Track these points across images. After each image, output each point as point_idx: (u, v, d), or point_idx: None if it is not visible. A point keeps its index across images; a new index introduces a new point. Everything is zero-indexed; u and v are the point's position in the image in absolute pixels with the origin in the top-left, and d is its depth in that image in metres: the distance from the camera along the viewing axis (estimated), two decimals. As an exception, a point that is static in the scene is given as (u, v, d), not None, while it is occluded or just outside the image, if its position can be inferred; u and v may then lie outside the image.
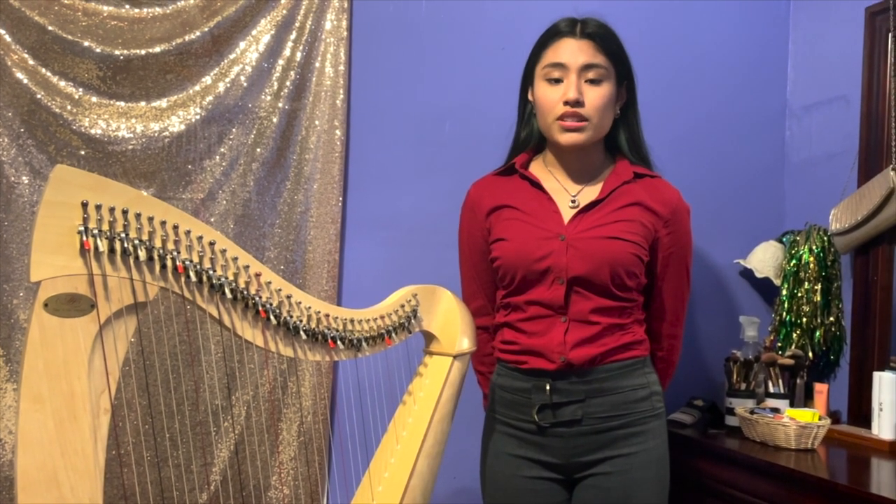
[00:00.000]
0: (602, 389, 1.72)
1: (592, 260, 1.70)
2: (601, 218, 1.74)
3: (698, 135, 2.64)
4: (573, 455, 1.73)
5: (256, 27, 2.26)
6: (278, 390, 2.27)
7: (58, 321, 1.15)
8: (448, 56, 2.43)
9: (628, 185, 1.77)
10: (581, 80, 1.71)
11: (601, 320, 1.72)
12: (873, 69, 2.36)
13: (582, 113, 1.71)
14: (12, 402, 2.09)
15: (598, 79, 1.72)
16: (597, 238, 1.72)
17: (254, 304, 1.38)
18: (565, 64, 1.72)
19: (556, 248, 1.71)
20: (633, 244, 1.72)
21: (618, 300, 1.73)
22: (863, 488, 1.76)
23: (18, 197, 2.11)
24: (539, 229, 1.74)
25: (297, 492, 2.26)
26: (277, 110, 2.27)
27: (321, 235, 2.29)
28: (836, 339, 2.42)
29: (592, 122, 1.72)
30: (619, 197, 1.76)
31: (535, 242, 1.73)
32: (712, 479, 2.14)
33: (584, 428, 1.72)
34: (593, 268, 1.70)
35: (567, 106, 1.71)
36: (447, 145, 2.42)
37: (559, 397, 1.71)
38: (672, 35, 2.61)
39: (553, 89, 1.73)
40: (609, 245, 1.71)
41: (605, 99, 1.73)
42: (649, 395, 1.77)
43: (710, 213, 2.63)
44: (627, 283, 1.73)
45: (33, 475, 1.14)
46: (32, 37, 2.11)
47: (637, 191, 1.77)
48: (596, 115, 1.72)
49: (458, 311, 1.76)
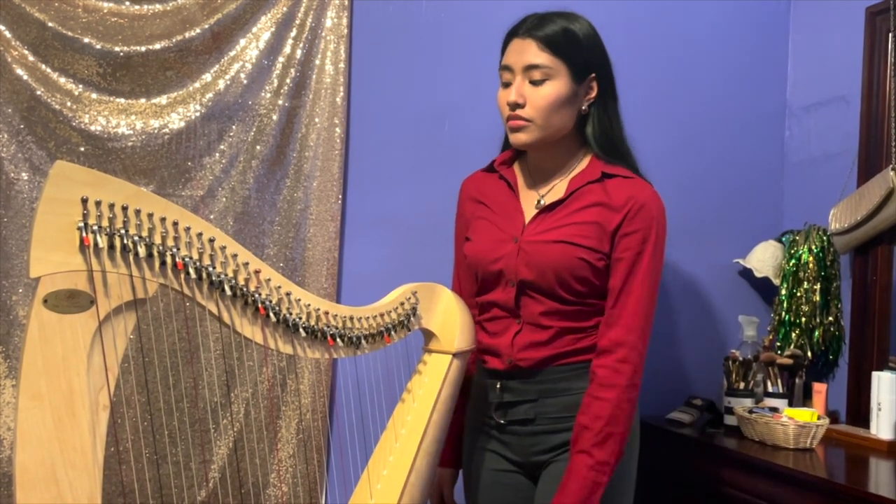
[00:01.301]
0: (554, 390, 1.69)
1: (538, 265, 1.66)
2: (558, 220, 1.69)
3: (698, 134, 2.64)
4: (530, 453, 1.72)
5: (257, 24, 2.26)
6: (277, 388, 2.27)
7: (57, 317, 1.15)
8: (449, 54, 2.43)
9: (592, 186, 1.68)
10: (525, 81, 1.66)
11: (553, 324, 1.68)
12: (873, 69, 2.36)
13: (523, 115, 1.66)
14: (11, 398, 2.08)
15: (542, 79, 1.64)
16: (546, 242, 1.67)
17: (253, 301, 1.38)
18: (510, 66, 1.68)
19: (508, 251, 1.70)
20: (583, 248, 1.64)
21: (571, 304, 1.67)
22: (861, 488, 1.76)
23: (18, 193, 2.11)
24: (500, 231, 1.74)
25: (295, 489, 2.26)
26: (277, 108, 2.27)
27: (321, 233, 2.29)
28: (835, 339, 2.42)
29: (536, 123, 1.66)
30: (581, 197, 1.69)
31: (493, 244, 1.73)
32: (710, 478, 2.14)
33: (537, 427, 1.70)
34: (538, 273, 1.66)
35: (510, 109, 1.68)
36: (447, 143, 2.42)
37: (511, 396, 1.71)
38: (671, 34, 2.61)
39: (504, 93, 1.70)
40: (556, 250, 1.65)
41: (549, 99, 1.64)
42: None
43: (710, 213, 2.63)
44: (577, 289, 1.66)
45: (32, 472, 1.14)
46: (32, 33, 2.11)
47: (599, 191, 1.68)
48: (539, 115, 1.65)
49: (458, 310, 1.76)
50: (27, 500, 1.13)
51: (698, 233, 2.60)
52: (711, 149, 2.65)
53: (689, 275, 2.61)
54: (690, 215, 2.57)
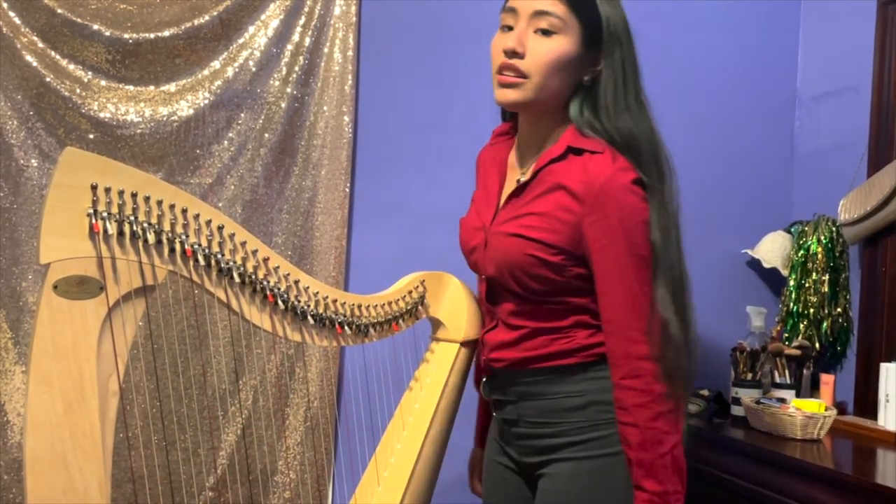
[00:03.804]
0: (531, 393, 1.51)
1: (496, 261, 1.48)
2: (518, 208, 1.48)
3: (707, 124, 2.63)
4: (520, 454, 1.61)
5: (265, 12, 2.25)
6: (285, 375, 2.28)
7: (67, 303, 1.16)
8: (457, 42, 2.42)
9: (556, 165, 1.43)
10: (529, 28, 1.42)
11: (523, 324, 1.49)
12: (884, 59, 2.34)
13: (520, 67, 1.41)
14: (21, 384, 2.10)
15: (551, 30, 1.40)
16: (504, 234, 1.47)
17: (262, 288, 1.38)
18: (515, 8, 1.43)
19: (479, 242, 1.54)
20: (533, 243, 1.42)
21: (541, 303, 1.47)
22: (868, 479, 1.76)
23: (28, 180, 2.12)
24: (476, 216, 1.58)
25: (303, 476, 2.27)
26: (286, 96, 2.27)
27: (329, 221, 2.30)
28: (843, 330, 2.42)
29: (532, 80, 1.41)
30: (544, 179, 1.45)
31: (470, 232, 1.58)
32: (718, 468, 2.14)
33: (521, 430, 1.57)
34: (497, 269, 1.48)
35: (505, 56, 1.41)
36: (455, 132, 2.41)
37: (497, 395, 1.60)
38: (682, 25, 2.59)
39: (501, 37, 1.45)
40: (510, 244, 1.45)
41: (554, 54, 1.40)
42: (585, 405, 1.47)
43: (719, 203, 2.63)
44: (535, 288, 1.44)
45: (42, 457, 1.14)
46: (42, 20, 2.11)
47: (562, 171, 1.42)
48: (538, 71, 1.41)
49: (466, 299, 1.75)
50: (37, 484, 1.14)
51: (707, 223, 2.59)
52: (720, 138, 2.64)
53: (697, 265, 2.58)
54: (699, 205, 2.56)
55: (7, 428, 2.10)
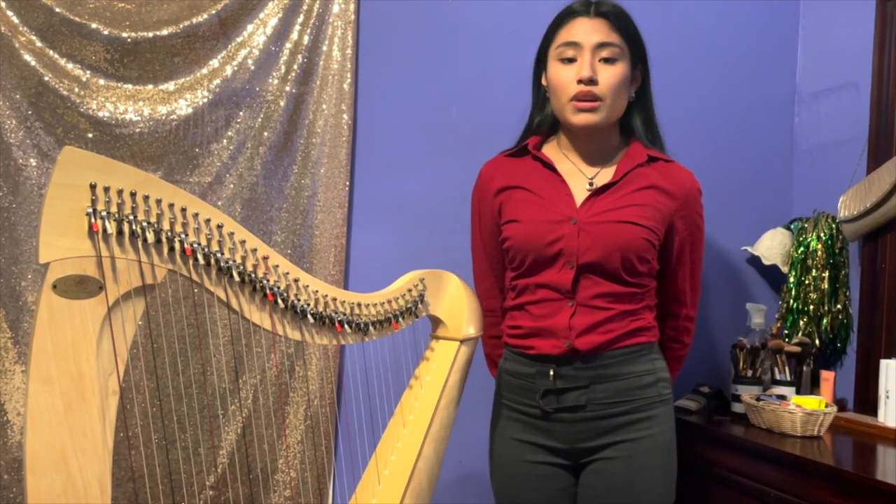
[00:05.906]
0: (606, 376, 1.69)
1: (604, 245, 1.67)
2: (614, 202, 1.71)
3: (707, 121, 2.62)
4: (577, 440, 1.71)
5: (264, 10, 2.25)
6: (285, 374, 2.28)
7: (66, 303, 1.16)
8: (456, 40, 2.42)
9: (642, 168, 1.74)
10: (595, 58, 1.68)
11: (610, 306, 1.69)
12: (884, 55, 2.34)
13: (596, 92, 1.68)
14: (21, 383, 2.10)
15: (613, 58, 1.69)
16: (609, 222, 1.68)
17: (261, 287, 1.38)
18: (579, 42, 1.69)
19: (567, 232, 1.68)
20: (646, 229, 1.69)
21: (628, 286, 1.70)
22: (868, 475, 1.76)
23: (26, 179, 2.12)
24: (551, 212, 1.72)
25: (303, 475, 2.27)
26: (285, 94, 2.27)
27: (328, 220, 2.29)
28: (843, 327, 2.42)
29: (606, 103, 1.69)
30: (634, 180, 1.73)
31: (547, 225, 1.70)
32: (717, 465, 2.14)
33: (588, 413, 1.70)
34: (605, 253, 1.67)
35: (581, 85, 1.68)
36: (455, 130, 2.41)
37: (563, 383, 1.69)
38: (681, 20, 2.59)
39: (566, 69, 1.70)
40: (622, 230, 1.68)
41: (620, 78, 1.70)
42: (655, 382, 1.74)
43: (718, 200, 2.61)
44: (639, 269, 1.70)
45: (42, 456, 1.14)
46: (40, 19, 2.11)
47: (651, 174, 1.74)
48: (610, 94, 1.69)
49: (465, 296, 1.76)
50: (37, 483, 1.14)
51: (706, 220, 2.58)
52: (720, 135, 2.64)
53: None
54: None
55: (7, 428, 2.10)
